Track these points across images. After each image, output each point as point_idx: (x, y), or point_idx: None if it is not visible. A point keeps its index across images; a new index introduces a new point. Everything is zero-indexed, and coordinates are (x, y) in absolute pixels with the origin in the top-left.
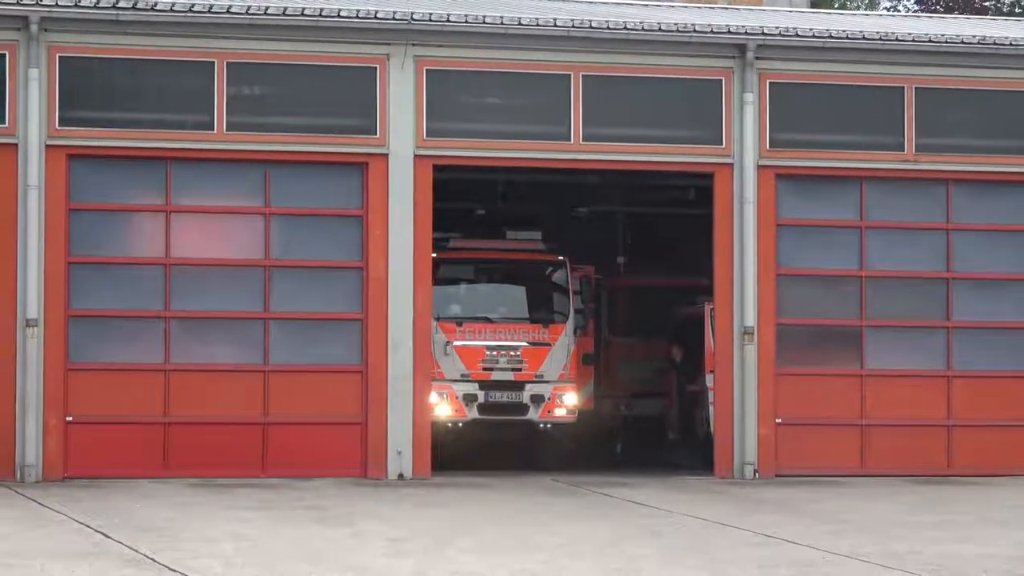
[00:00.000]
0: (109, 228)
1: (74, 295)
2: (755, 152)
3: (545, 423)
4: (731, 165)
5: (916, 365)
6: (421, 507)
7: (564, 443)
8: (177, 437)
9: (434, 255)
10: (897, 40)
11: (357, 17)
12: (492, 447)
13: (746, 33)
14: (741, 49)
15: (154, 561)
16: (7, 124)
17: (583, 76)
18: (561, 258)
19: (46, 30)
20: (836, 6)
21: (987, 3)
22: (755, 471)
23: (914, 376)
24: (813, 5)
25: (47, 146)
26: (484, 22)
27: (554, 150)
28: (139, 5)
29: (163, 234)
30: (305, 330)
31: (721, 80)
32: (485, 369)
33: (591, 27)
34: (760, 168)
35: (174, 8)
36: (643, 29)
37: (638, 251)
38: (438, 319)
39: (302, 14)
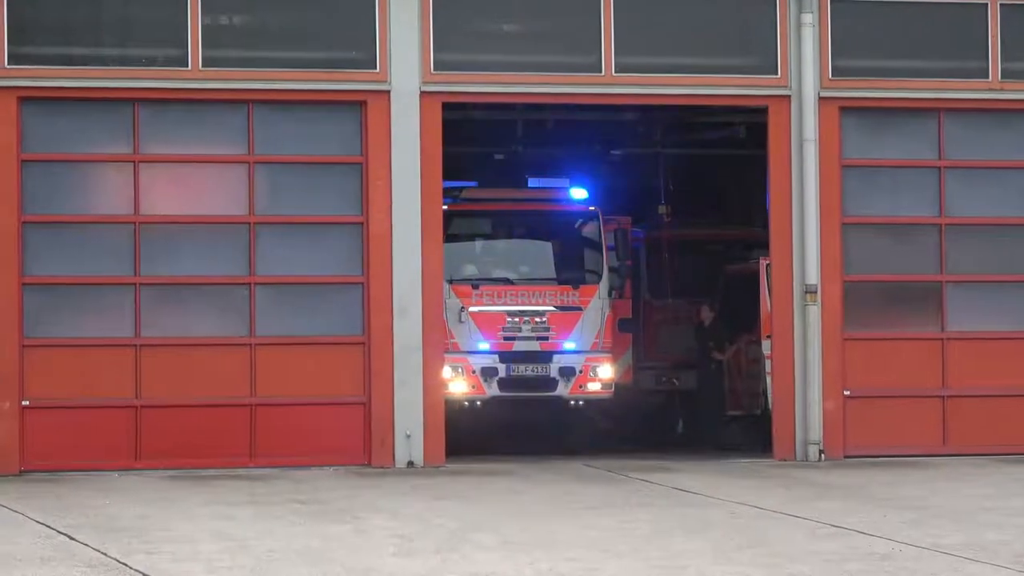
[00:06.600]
0: (68, 182)
1: (29, 260)
2: (815, 82)
3: (576, 399)
4: (788, 97)
5: (1005, 326)
6: (434, 499)
7: (598, 422)
8: (151, 422)
9: (445, 207)
10: None
11: None
12: (515, 428)
13: None
14: None
15: (126, 566)
16: None
17: None
18: (592, 209)
19: None
20: None
21: None
22: (820, 452)
23: (1003, 339)
24: None
25: None
26: None
27: (583, 83)
28: None
29: (131, 188)
30: (297, 296)
31: None
32: (506, 338)
33: None
34: (821, 100)
35: None
36: None
37: (682, 199)
38: (451, 281)
39: None
